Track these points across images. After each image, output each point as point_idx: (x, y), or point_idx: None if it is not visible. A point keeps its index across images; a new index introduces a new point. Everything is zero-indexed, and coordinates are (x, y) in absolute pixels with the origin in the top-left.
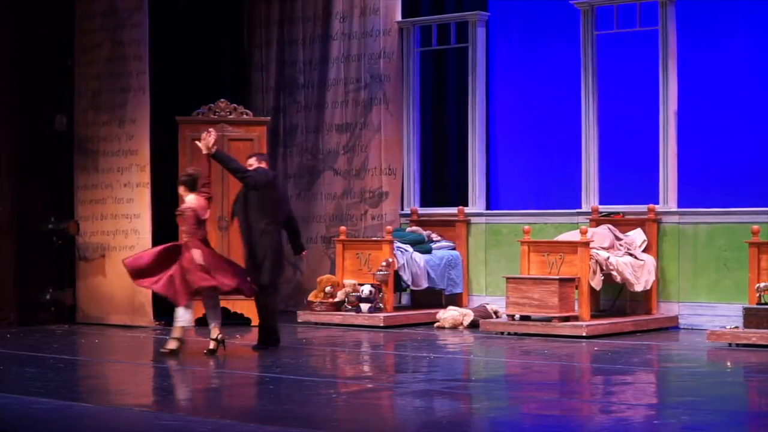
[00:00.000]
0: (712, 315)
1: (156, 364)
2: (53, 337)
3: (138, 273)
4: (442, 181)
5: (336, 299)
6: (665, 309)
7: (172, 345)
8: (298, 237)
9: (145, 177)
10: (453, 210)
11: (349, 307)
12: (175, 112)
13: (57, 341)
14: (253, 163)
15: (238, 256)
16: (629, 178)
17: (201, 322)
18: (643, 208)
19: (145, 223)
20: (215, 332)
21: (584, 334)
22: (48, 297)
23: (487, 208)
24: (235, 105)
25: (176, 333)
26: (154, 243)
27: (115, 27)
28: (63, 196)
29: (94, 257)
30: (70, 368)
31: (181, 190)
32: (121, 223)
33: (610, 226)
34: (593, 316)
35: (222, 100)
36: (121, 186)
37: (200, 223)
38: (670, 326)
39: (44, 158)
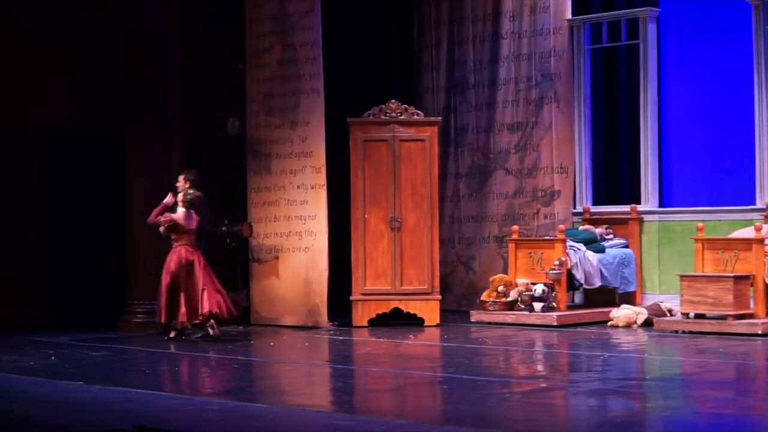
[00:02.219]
0: None
1: (331, 365)
2: (228, 338)
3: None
4: (614, 179)
5: (509, 298)
6: None
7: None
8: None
9: (321, 178)
10: (625, 208)
11: (522, 306)
12: (345, 114)
13: (231, 342)
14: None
15: (411, 256)
16: None
17: (374, 323)
18: None
19: (321, 225)
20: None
21: (760, 332)
22: None
23: (660, 205)
24: (406, 106)
25: None
26: (331, 244)
27: (285, 30)
28: (236, 199)
29: (268, 259)
30: (244, 369)
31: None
32: (294, 224)
33: None
34: None
35: (392, 101)
36: (294, 188)
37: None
38: None
39: (217, 161)
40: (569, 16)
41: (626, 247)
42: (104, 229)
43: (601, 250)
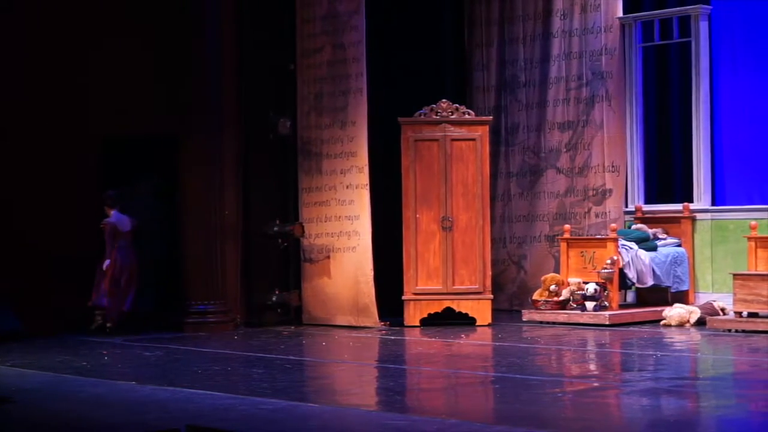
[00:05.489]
0: None
1: (383, 365)
2: (280, 338)
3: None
4: (667, 178)
5: (561, 298)
6: None
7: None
8: None
9: (364, 178)
10: (678, 206)
11: (574, 305)
12: (397, 113)
13: (283, 342)
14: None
15: (463, 256)
16: None
17: (425, 323)
18: None
19: (364, 225)
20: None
21: None
22: (274, 299)
23: (713, 203)
24: (457, 105)
25: None
26: (383, 244)
27: (335, 30)
28: (287, 199)
29: (319, 259)
30: (296, 369)
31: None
32: (344, 224)
33: None
34: None
35: (444, 100)
36: (343, 188)
37: (117, 235)
38: None
39: (268, 162)
40: (620, 14)
41: (679, 245)
42: (159, 230)
43: (654, 249)
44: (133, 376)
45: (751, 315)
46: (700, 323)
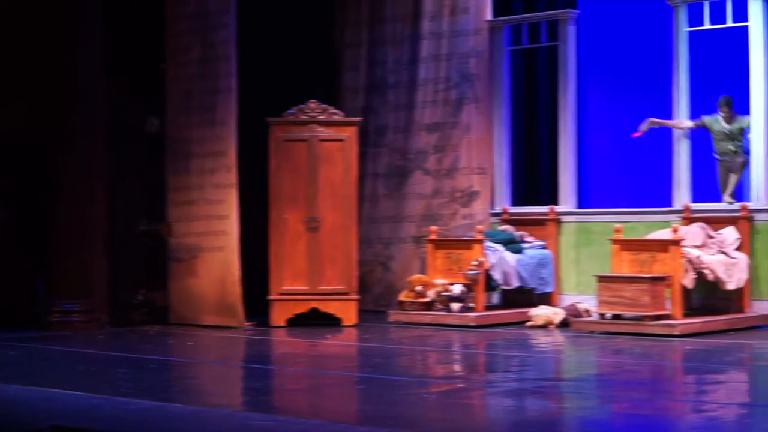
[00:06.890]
0: None
1: (249, 365)
2: (145, 338)
3: None
4: (533, 180)
5: (427, 299)
6: (758, 307)
7: None
8: None
9: (232, 178)
10: (544, 209)
11: (440, 306)
12: (267, 113)
13: (149, 342)
14: None
15: (330, 256)
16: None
17: (292, 323)
18: (736, 206)
19: (233, 225)
20: None
21: (676, 333)
22: (140, 298)
23: (578, 206)
24: (326, 106)
25: None
26: (251, 244)
27: (205, 29)
28: (155, 198)
29: (187, 258)
30: (162, 369)
31: None
32: (212, 224)
33: (703, 224)
34: (685, 315)
35: (312, 100)
36: (212, 187)
37: None
38: (763, 324)
39: (136, 160)
40: (489, 17)
41: (544, 248)
42: (29, 230)
43: (519, 251)
44: None
45: (615, 317)
46: (565, 325)
